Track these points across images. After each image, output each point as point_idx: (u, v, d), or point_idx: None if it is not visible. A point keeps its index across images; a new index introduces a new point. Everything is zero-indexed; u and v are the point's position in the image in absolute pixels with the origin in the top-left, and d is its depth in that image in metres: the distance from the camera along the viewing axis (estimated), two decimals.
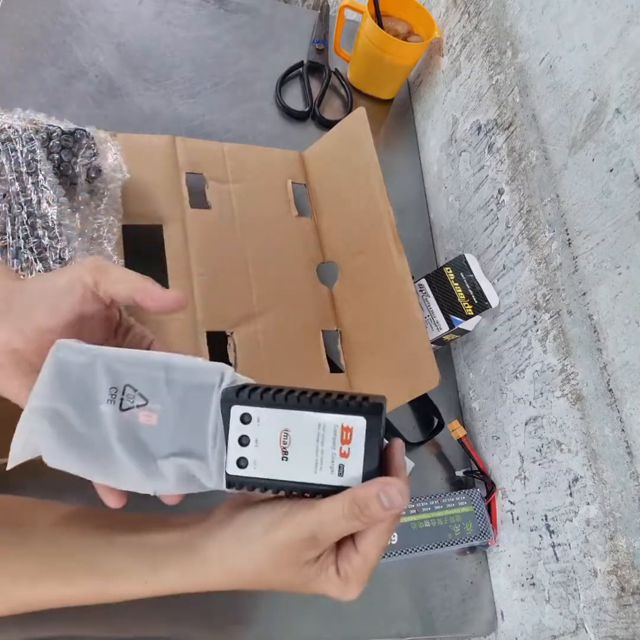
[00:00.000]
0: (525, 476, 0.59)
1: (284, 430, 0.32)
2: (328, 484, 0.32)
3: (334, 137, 0.70)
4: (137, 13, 0.79)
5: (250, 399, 0.32)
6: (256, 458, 0.32)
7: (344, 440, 0.32)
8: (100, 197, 0.55)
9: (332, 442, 0.32)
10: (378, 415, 0.31)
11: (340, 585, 0.33)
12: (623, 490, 0.47)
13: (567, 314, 0.54)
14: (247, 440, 0.32)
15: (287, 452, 0.32)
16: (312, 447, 0.32)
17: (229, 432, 0.32)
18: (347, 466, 0.32)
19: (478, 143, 0.70)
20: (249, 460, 0.32)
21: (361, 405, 0.32)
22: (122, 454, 0.32)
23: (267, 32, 0.86)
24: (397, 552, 0.56)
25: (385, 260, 0.61)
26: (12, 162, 0.51)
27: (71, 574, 0.34)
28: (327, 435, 0.32)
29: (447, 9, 0.78)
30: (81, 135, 0.55)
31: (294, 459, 0.32)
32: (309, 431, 0.32)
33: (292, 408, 0.32)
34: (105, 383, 0.32)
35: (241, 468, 0.32)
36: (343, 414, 0.32)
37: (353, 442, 0.31)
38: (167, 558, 0.34)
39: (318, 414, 0.32)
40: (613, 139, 0.49)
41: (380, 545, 0.32)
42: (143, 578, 0.34)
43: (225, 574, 0.33)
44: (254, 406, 0.32)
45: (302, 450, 0.32)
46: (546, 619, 0.55)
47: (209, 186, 0.65)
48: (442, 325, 0.66)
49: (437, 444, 0.68)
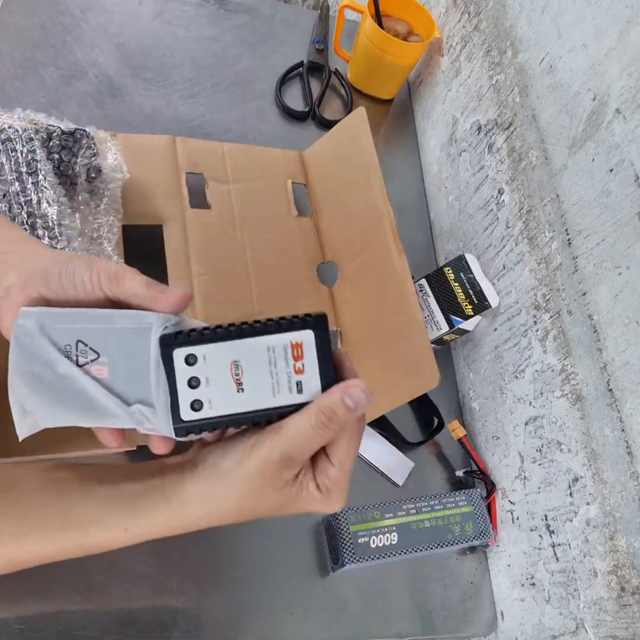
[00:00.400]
0: (525, 476, 0.59)
1: (233, 362, 0.31)
2: (290, 403, 0.32)
3: (334, 137, 0.70)
4: (137, 13, 0.79)
5: (192, 339, 0.31)
6: (210, 397, 0.31)
7: (296, 357, 0.31)
8: (100, 197, 0.55)
9: (284, 362, 0.31)
10: (324, 326, 0.32)
11: (322, 499, 0.33)
12: (623, 490, 0.47)
13: (567, 314, 0.54)
14: (197, 382, 0.31)
15: (241, 383, 0.31)
16: (266, 371, 0.31)
17: (176, 377, 0.31)
18: (304, 382, 0.32)
19: (478, 143, 0.70)
20: (204, 401, 0.31)
21: (305, 320, 0.32)
22: (101, 400, 0.32)
23: (267, 32, 0.86)
24: (397, 552, 0.56)
25: (385, 260, 0.61)
26: (12, 162, 0.51)
27: (49, 530, 0.34)
28: (278, 357, 0.31)
29: (447, 9, 0.78)
30: (81, 135, 0.55)
31: (250, 388, 0.31)
32: (259, 357, 0.31)
33: (237, 338, 0.31)
34: (61, 342, 0.32)
35: (197, 411, 0.31)
36: (289, 331, 0.31)
37: (305, 357, 0.31)
38: (144, 503, 0.34)
39: (264, 338, 0.31)
40: (613, 139, 0.49)
41: (352, 450, 0.33)
42: (122, 525, 0.34)
43: (205, 512, 0.34)
44: (197, 345, 0.31)
45: (257, 378, 0.31)
46: (546, 619, 0.55)
47: (209, 186, 0.65)
48: (442, 325, 0.66)
49: (437, 444, 0.68)
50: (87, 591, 0.50)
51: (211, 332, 0.31)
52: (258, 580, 0.55)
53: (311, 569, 0.57)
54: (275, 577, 0.56)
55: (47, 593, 0.49)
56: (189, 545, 0.55)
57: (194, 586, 0.53)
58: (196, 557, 0.54)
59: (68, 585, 0.50)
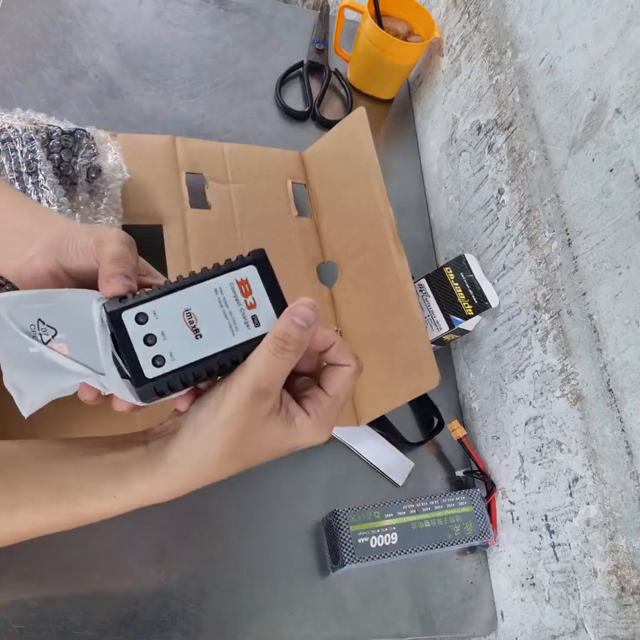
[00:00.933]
0: (525, 476, 0.59)
1: (185, 312, 0.32)
2: (251, 338, 0.32)
3: (334, 137, 0.70)
4: (137, 13, 0.79)
5: (137, 299, 0.32)
6: (170, 350, 0.32)
7: (245, 294, 0.33)
8: (100, 197, 0.55)
9: (234, 300, 0.32)
10: (264, 259, 0.33)
11: (313, 428, 0.34)
12: (623, 490, 0.47)
13: (567, 314, 0.54)
14: (153, 338, 0.32)
15: (197, 329, 0.32)
16: (219, 313, 0.32)
17: (131, 339, 0.31)
18: (259, 315, 0.33)
19: (478, 143, 0.70)
20: (164, 355, 0.31)
21: (243, 258, 0.33)
22: (71, 367, 0.33)
23: (267, 32, 0.86)
24: (397, 552, 0.56)
25: (385, 260, 0.61)
26: (12, 162, 0.51)
27: (40, 501, 0.35)
28: (227, 297, 0.32)
29: (447, 9, 0.78)
30: (81, 135, 0.55)
31: (208, 332, 0.32)
32: (209, 301, 0.32)
33: (182, 288, 0.32)
34: (26, 324, 0.33)
35: (159, 366, 0.31)
36: (231, 271, 0.33)
37: (254, 292, 0.33)
38: (131, 470, 0.34)
39: (209, 282, 0.32)
40: (613, 139, 0.49)
41: (349, 386, 0.35)
42: (111, 493, 0.34)
43: (192, 471, 0.34)
44: (144, 303, 0.32)
45: (212, 321, 0.32)
46: (546, 619, 0.55)
47: (209, 186, 0.65)
48: (442, 325, 0.66)
49: (437, 444, 0.68)
50: (87, 591, 0.50)
51: (154, 288, 0.32)
52: (258, 580, 0.55)
53: (311, 569, 0.57)
54: (275, 577, 0.56)
55: (47, 593, 0.49)
56: (189, 545, 0.55)
57: (194, 586, 0.53)
58: (196, 557, 0.54)
59: (68, 585, 0.50)
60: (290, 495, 0.60)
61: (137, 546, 0.53)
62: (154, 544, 0.54)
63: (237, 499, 0.58)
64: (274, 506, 0.59)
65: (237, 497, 0.58)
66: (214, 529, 0.56)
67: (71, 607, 0.49)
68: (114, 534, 0.53)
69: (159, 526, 0.54)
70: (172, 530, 0.54)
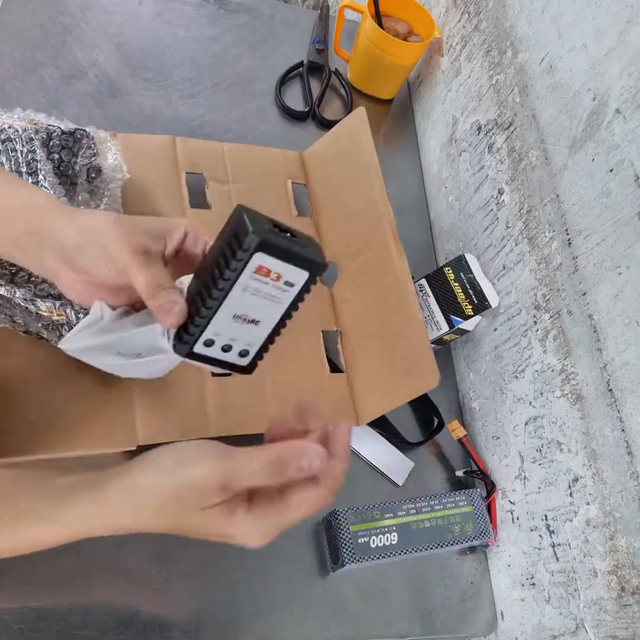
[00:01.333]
0: (525, 476, 0.59)
1: (235, 317, 0.38)
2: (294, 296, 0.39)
3: (334, 137, 0.70)
4: (137, 13, 0.79)
5: (196, 333, 0.38)
6: (246, 342, 0.40)
7: (266, 274, 0.37)
8: (100, 197, 0.55)
9: (263, 284, 0.37)
10: (264, 241, 0.36)
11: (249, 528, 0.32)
12: (623, 490, 0.47)
13: (567, 314, 0.54)
14: (228, 346, 0.40)
15: (253, 319, 0.39)
16: (259, 300, 0.38)
17: (211, 356, 0.40)
18: (289, 279, 0.38)
19: (478, 143, 0.70)
20: (246, 348, 0.40)
21: (242, 245, 0.36)
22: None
23: (267, 32, 0.86)
24: (397, 552, 0.56)
25: (385, 260, 0.61)
26: (12, 162, 0.51)
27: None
28: (256, 287, 0.37)
29: (447, 9, 0.78)
30: (81, 135, 0.55)
31: (261, 316, 0.39)
32: (244, 299, 0.37)
33: (223, 300, 0.37)
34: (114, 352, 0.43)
35: (245, 355, 0.41)
36: (245, 268, 0.36)
37: (273, 268, 0.37)
38: (74, 495, 0.34)
39: (235, 286, 0.37)
40: (613, 139, 0.49)
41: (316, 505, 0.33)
42: (50, 517, 0.33)
43: (129, 508, 0.33)
44: (203, 333, 0.38)
45: (258, 308, 0.38)
46: (546, 619, 0.55)
47: (209, 186, 0.65)
48: (442, 325, 0.66)
49: (437, 444, 0.68)
50: (87, 591, 0.50)
51: (203, 310, 0.38)
52: (258, 580, 0.55)
53: (311, 569, 0.57)
54: (275, 577, 0.56)
55: (47, 593, 0.49)
56: (189, 546, 0.55)
57: (194, 586, 0.53)
58: (196, 557, 0.54)
59: (68, 585, 0.50)
60: None
61: (137, 546, 0.53)
62: (154, 544, 0.54)
63: None
64: None
65: None
66: None
67: (71, 607, 0.49)
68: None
69: None
70: None
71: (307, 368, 0.62)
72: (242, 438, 0.53)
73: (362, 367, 0.63)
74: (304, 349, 0.62)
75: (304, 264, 0.37)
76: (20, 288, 0.48)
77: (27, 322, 0.50)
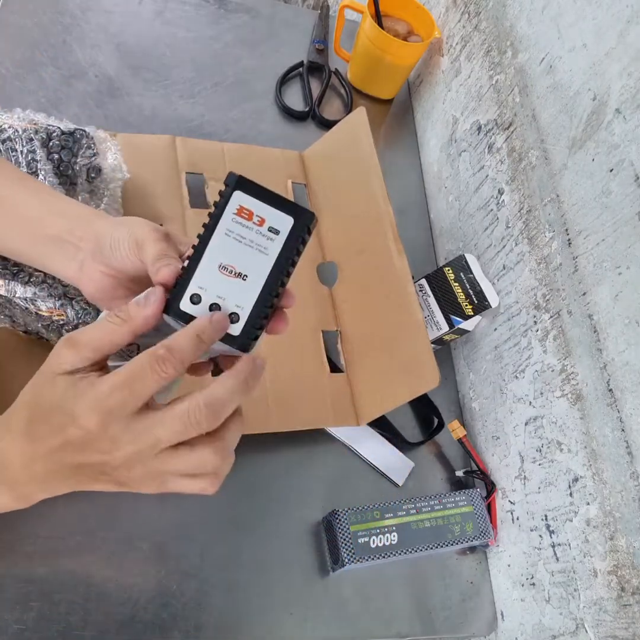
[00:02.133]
0: (525, 476, 0.59)
1: (220, 267, 0.35)
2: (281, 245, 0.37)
3: (334, 137, 0.70)
4: (137, 13, 0.79)
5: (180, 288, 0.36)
6: (236, 303, 0.36)
7: (249, 217, 0.36)
8: (100, 197, 0.55)
9: (246, 229, 0.36)
10: (240, 179, 0.36)
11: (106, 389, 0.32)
12: (623, 490, 0.47)
13: (567, 314, 0.54)
14: (216, 305, 0.35)
15: (240, 273, 0.36)
16: (244, 248, 0.36)
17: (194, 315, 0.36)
18: (273, 224, 0.36)
19: (478, 143, 0.70)
20: (235, 310, 0.36)
21: (222, 192, 0.36)
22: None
23: (267, 32, 0.86)
24: (397, 552, 0.56)
25: (385, 260, 0.61)
26: (12, 162, 0.51)
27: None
28: (239, 231, 0.36)
29: (447, 9, 0.78)
30: (81, 135, 0.55)
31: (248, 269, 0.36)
32: (228, 245, 0.36)
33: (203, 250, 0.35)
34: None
35: (236, 322, 0.35)
36: (225, 209, 0.36)
37: (255, 210, 0.36)
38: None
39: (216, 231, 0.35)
40: (613, 139, 0.49)
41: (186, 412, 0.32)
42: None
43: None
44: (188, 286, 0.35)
45: (244, 259, 0.36)
46: (546, 619, 0.55)
47: (208, 186, 0.65)
48: (442, 325, 0.66)
49: (437, 444, 0.68)
50: (87, 591, 0.50)
51: (184, 266, 0.35)
52: (258, 580, 0.55)
53: (311, 569, 0.57)
54: (275, 577, 0.56)
55: (47, 593, 0.49)
56: (189, 545, 0.55)
57: (194, 586, 0.53)
58: (196, 557, 0.54)
59: (68, 585, 0.50)
60: (290, 495, 0.60)
61: (137, 546, 0.53)
62: (154, 543, 0.54)
63: (237, 499, 0.58)
64: (274, 506, 0.59)
65: (237, 497, 0.58)
66: (214, 529, 0.56)
67: (71, 607, 0.49)
68: (114, 534, 0.53)
69: (159, 526, 0.54)
70: (172, 530, 0.54)
71: (307, 368, 0.62)
72: (241, 438, 0.53)
73: (362, 367, 0.63)
74: (304, 349, 0.62)
75: (287, 208, 0.36)
76: (20, 288, 0.48)
77: (27, 322, 0.50)
